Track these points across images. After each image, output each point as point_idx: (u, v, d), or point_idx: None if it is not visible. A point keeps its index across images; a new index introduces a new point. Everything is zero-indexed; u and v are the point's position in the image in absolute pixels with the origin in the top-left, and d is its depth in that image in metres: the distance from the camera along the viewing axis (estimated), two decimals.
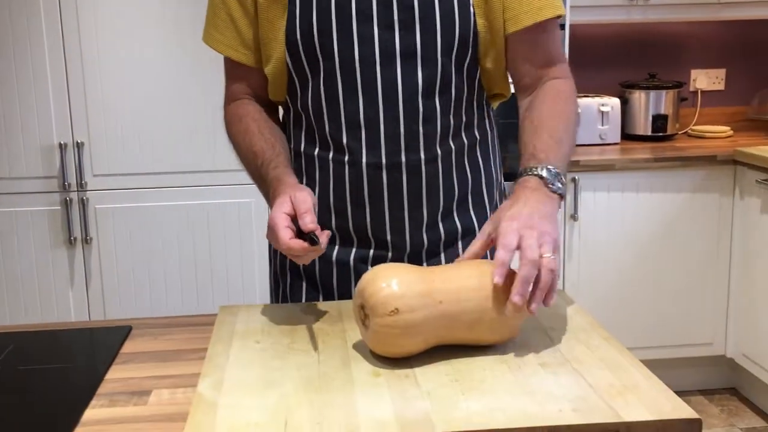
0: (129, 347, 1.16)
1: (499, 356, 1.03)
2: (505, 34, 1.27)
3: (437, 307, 0.99)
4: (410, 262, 1.29)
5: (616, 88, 3.23)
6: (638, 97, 3.16)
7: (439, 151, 1.28)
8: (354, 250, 1.32)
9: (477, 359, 1.02)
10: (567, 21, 2.75)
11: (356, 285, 1.04)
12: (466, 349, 1.04)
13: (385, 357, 1.03)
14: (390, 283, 0.99)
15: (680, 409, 0.89)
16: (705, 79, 3.37)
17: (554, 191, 1.12)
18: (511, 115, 1.54)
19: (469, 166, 1.33)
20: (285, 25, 1.26)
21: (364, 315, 1.02)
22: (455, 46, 1.25)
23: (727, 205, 2.87)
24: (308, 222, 1.09)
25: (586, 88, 3.24)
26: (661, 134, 3.15)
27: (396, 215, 1.29)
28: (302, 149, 1.33)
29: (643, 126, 3.17)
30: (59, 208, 2.70)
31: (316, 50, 1.25)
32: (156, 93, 2.68)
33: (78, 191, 2.69)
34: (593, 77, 3.27)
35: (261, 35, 1.30)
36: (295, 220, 1.11)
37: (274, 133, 1.31)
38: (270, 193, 1.20)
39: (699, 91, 3.37)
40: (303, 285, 1.37)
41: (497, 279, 1.01)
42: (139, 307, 2.75)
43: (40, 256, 2.72)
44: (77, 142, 2.66)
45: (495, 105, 1.40)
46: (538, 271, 1.00)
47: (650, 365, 1.04)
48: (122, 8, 2.63)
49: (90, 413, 0.96)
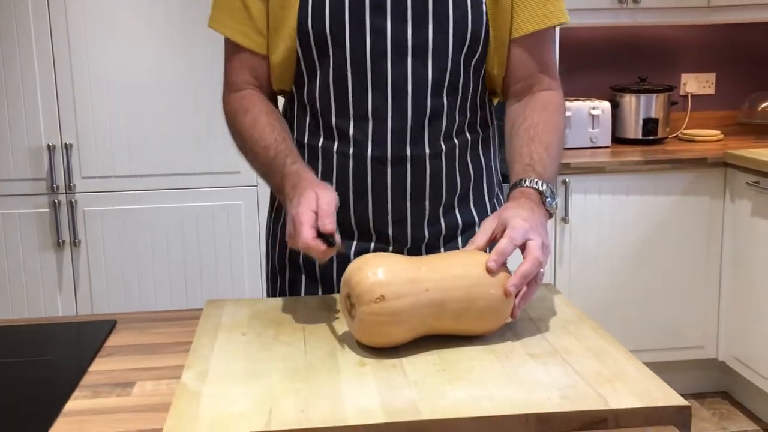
0: (114, 341, 1.15)
1: (487, 346, 1.02)
2: (509, 39, 1.28)
3: (424, 294, 0.98)
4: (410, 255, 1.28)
5: (606, 92, 3.24)
6: (629, 101, 3.17)
7: (444, 147, 1.28)
8: (354, 243, 1.31)
9: (464, 349, 1.01)
10: None
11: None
12: (453, 340, 1.04)
13: (371, 347, 1.02)
14: (376, 271, 0.98)
15: (669, 396, 0.88)
16: (695, 83, 3.38)
17: (547, 209, 1.15)
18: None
19: (471, 163, 1.33)
20: (297, 13, 1.24)
21: (350, 305, 1.01)
22: (467, 43, 1.25)
23: (717, 207, 2.88)
24: (327, 224, 1.07)
25: (577, 92, 3.25)
26: (651, 138, 3.16)
27: (398, 209, 1.28)
28: (305, 140, 1.32)
29: (633, 129, 3.17)
30: (47, 210, 2.68)
31: (327, 40, 1.23)
32: (145, 95, 2.67)
33: (66, 193, 2.68)
34: (584, 80, 3.28)
35: (270, 22, 1.28)
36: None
37: (284, 126, 1.29)
38: (287, 187, 1.17)
39: (689, 95, 3.38)
40: (302, 279, 1.36)
41: (492, 264, 1.01)
42: (127, 311, 2.73)
43: (28, 258, 2.70)
44: (66, 144, 2.65)
45: (495, 102, 1.40)
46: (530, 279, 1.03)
47: None
48: (112, 9, 2.62)
49: (72, 404, 0.94)
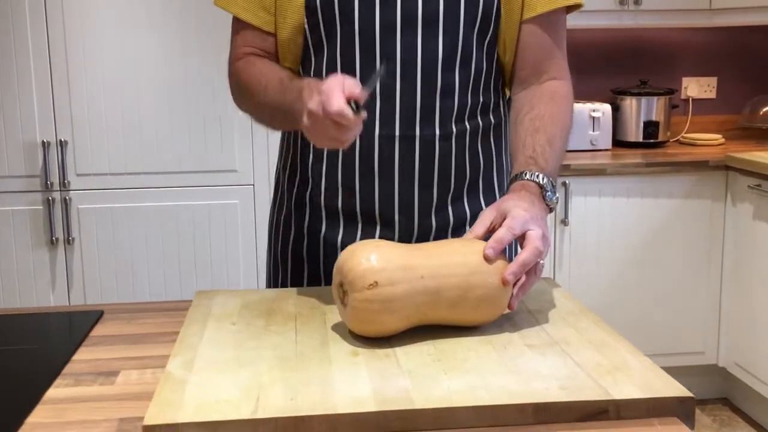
0: (100, 330, 1.12)
1: (483, 337, 0.99)
2: (520, 20, 1.25)
3: (419, 281, 0.95)
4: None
5: (607, 95, 3.22)
6: (629, 104, 3.14)
7: (455, 129, 1.25)
8: (359, 233, 1.27)
9: (461, 340, 0.98)
10: None
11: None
12: (449, 330, 1.00)
13: (364, 337, 0.98)
14: (369, 256, 0.95)
15: (672, 387, 0.85)
16: (696, 87, 3.36)
17: (548, 203, 1.13)
18: None
19: (482, 150, 1.29)
20: None
21: (342, 292, 0.98)
22: (478, 19, 1.22)
23: (718, 211, 2.85)
24: (357, 90, 1.01)
25: (577, 94, 3.19)
26: (652, 141, 3.13)
27: (405, 193, 1.24)
28: None
29: (634, 133, 3.15)
30: (41, 207, 2.65)
31: (335, 14, 1.21)
32: (142, 91, 2.64)
33: (61, 191, 2.65)
34: (584, 83, 3.25)
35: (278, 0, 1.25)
36: None
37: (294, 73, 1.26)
38: (305, 92, 1.09)
39: (690, 99, 3.36)
40: (305, 270, 1.33)
41: (490, 252, 0.98)
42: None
43: (21, 256, 2.66)
44: (61, 141, 2.62)
45: (507, 94, 1.37)
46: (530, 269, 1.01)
47: None
48: (108, 5, 2.60)
49: (53, 392, 0.91)
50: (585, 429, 0.80)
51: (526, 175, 1.14)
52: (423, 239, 1.27)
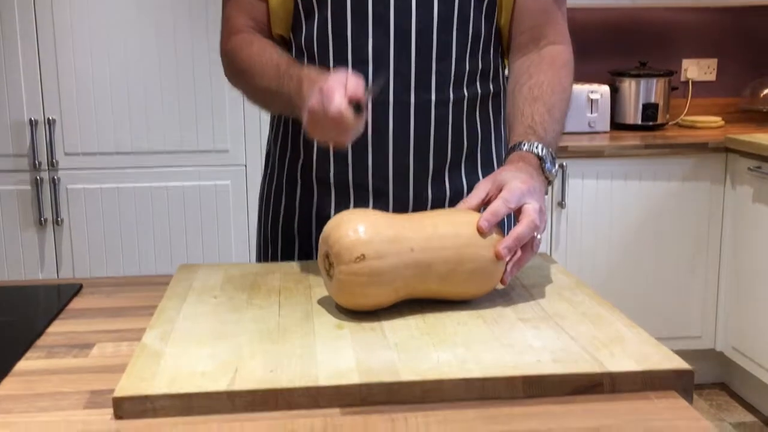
0: (77, 304, 1.08)
1: (474, 311, 0.95)
2: None
3: (408, 254, 0.91)
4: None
5: (605, 76, 3.17)
6: (628, 86, 3.09)
7: (452, 96, 1.20)
8: (352, 206, 1.22)
9: (451, 313, 0.94)
10: None
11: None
12: (439, 304, 0.96)
13: (350, 310, 0.94)
14: (356, 228, 0.91)
15: (670, 359, 0.81)
16: (696, 69, 3.31)
17: (546, 175, 1.09)
18: None
19: (481, 120, 1.25)
20: None
21: (328, 264, 0.94)
22: None
23: (718, 193, 2.81)
24: (359, 90, 0.99)
25: (575, 75, 3.16)
26: (651, 123, 3.08)
27: (400, 162, 1.19)
28: None
29: (632, 115, 3.10)
30: (29, 187, 2.60)
31: None
32: (131, 69, 2.59)
33: (49, 170, 2.60)
34: (582, 64, 3.17)
35: None
36: None
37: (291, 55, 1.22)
38: (305, 85, 1.07)
39: (690, 81, 3.31)
40: (296, 245, 1.29)
41: (484, 224, 0.94)
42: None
43: (9, 237, 2.62)
44: (48, 119, 2.57)
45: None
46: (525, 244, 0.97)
47: None
48: None
49: (23, 364, 0.87)
50: (578, 403, 0.76)
51: (524, 145, 1.10)
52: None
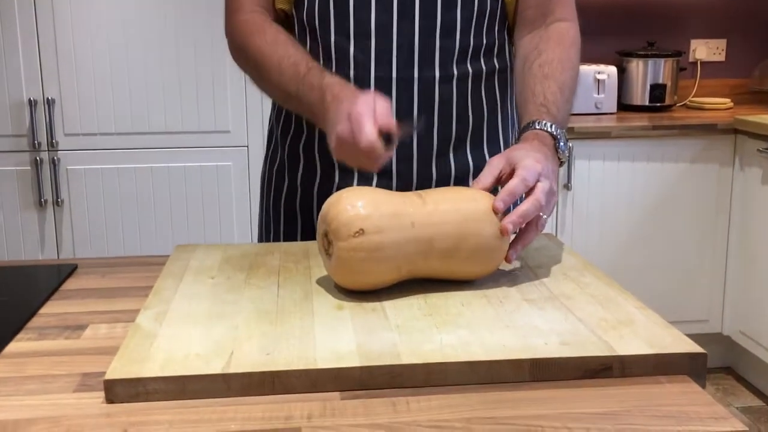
0: (71, 284, 1.05)
1: (478, 291, 0.92)
2: None
3: (409, 229, 0.88)
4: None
5: (613, 57, 3.12)
6: (636, 66, 3.05)
7: (456, 72, 1.17)
8: (355, 184, 1.19)
9: (454, 293, 0.92)
10: None
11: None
12: (442, 284, 0.94)
13: (351, 291, 0.92)
14: (355, 203, 0.88)
15: (682, 342, 0.78)
16: (705, 50, 3.26)
17: (560, 156, 1.06)
18: None
19: (486, 97, 1.22)
20: None
21: (327, 242, 0.91)
22: None
23: (726, 175, 2.77)
24: (389, 121, 0.97)
25: (582, 56, 3.11)
26: (658, 104, 3.04)
27: (403, 140, 1.16)
28: None
29: (640, 96, 3.05)
30: (29, 168, 2.57)
31: None
32: (131, 48, 2.55)
33: (49, 151, 2.57)
34: (589, 44, 3.12)
35: None
36: None
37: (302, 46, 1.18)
38: (328, 98, 1.05)
39: (699, 62, 3.26)
40: (298, 224, 1.26)
41: (500, 204, 0.92)
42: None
43: (9, 218, 2.60)
44: (48, 99, 2.53)
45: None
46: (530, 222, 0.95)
47: None
48: None
49: (14, 346, 0.85)
50: (587, 387, 0.74)
51: (538, 124, 1.07)
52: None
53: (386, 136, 0.96)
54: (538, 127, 1.07)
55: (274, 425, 0.67)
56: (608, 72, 2.96)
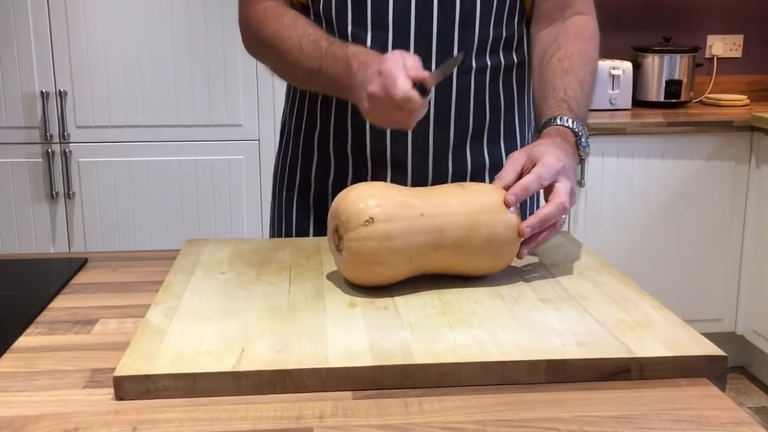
0: (81, 278, 1.04)
1: (492, 288, 0.91)
2: None
3: (419, 219, 0.87)
4: None
5: (628, 52, 3.09)
6: (651, 62, 3.01)
7: (474, 64, 1.15)
8: (369, 178, 1.18)
9: (467, 291, 0.90)
10: None
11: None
12: (454, 282, 0.92)
13: (363, 288, 0.90)
14: (364, 195, 0.88)
15: (701, 344, 0.76)
16: (722, 46, 3.22)
17: (580, 153, 1.05)
18: None
19: (504, 91, 1.20)
20: None
21: (338, 238, 0.90)
22: None
23: (742, 173, 2.74)
24: (421, 70, 0.96)
25: None
26: (674, 101, 3.01)
27: (420, 133, 1.15)
28: None
29: (655, 92, 3.02)
30: (40, 160, 2.57)
31: None
32: (143, 41, 2.55)
33: (60, 143, 2.57)
34: (604, 39, 3.09)
35: None
36: None
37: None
38: (355, 65, 1.03)
39: (715, 58, 3.23)
40: (311, 219, 1.25)
41: (511, 198, 0.91)
42: None
43: (21, 210, 2.60)
44: (60, 91, 2.53)
45: None
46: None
47: None
48: None
49: (23, 340, 0.84)
50: (603, 390, 0.72)
51: (559, 120, 1.05)
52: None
53: (420, 87, 0.95)
54: (559, 123, 1.05)
55: (285, 425, 0.66)
56: (623, 67, 2.93)
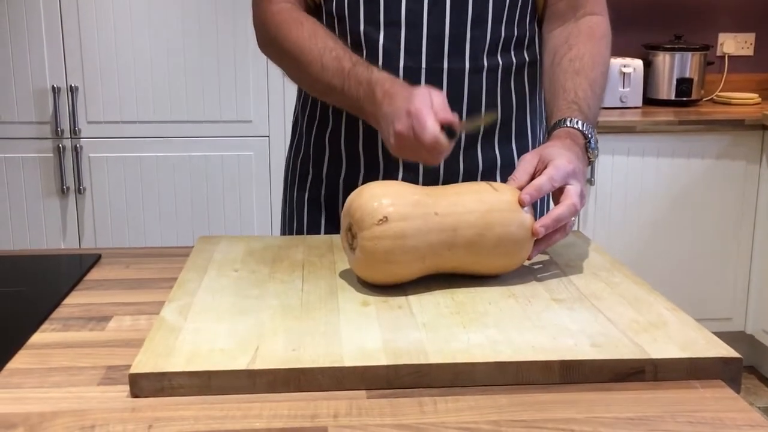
0: (95, 274, 1.05)
1: (506, 288, 0.91)
2: None
3: (432, 218, 0.87)
4: None
5: (639, 50, 3.08)
6: (662, 60, 3.00)
7: (486, 63, 1.15)
8: (381, 176, 1.18)
9: (481, 290, 0.90)
10: None
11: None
12: (468, 281, 0.92)
13: (376, 287, 0.91)
14: (378, 193, 0.88)
15: (716, 346, 0.76)
16: (733, 44, 3.21)
17: (589, 156, 1.05)
18: None
19: (515, 90, 1.20)
20: None
21: (351, 237, 0.90)
22: None
23: (753, 172, 2.73)
24: (448, 113, 0.99)
25: None
26: (684, 99, 3.00)
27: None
28: None
29: (666, 90, 3.01)
30: (51, 155, 2.58)
31: None
32: (154, 37, 2.55)
33: (71, 138, 2.58)
34: (615, 37, 3.08)
35: None
36: None
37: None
38: (378, 93, 1.04)
39: (726, 56, 3.21)
40: (322, 217, 1.26)
41: (525, 198, 0.91)
42: None
43: (32, 205, 2.61)
44: (71, 86, 2.54)
45: None
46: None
47: None
48: None
49: (38, 337, 0.84)
50: (617, 391, 0.72)
51: (570, 122, 1.06)
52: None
53: (448, 129, 0.97)
54: (569, 125, 1.05)
55: (300, 423, 0.66)
56: (634, 65, 2.92)
